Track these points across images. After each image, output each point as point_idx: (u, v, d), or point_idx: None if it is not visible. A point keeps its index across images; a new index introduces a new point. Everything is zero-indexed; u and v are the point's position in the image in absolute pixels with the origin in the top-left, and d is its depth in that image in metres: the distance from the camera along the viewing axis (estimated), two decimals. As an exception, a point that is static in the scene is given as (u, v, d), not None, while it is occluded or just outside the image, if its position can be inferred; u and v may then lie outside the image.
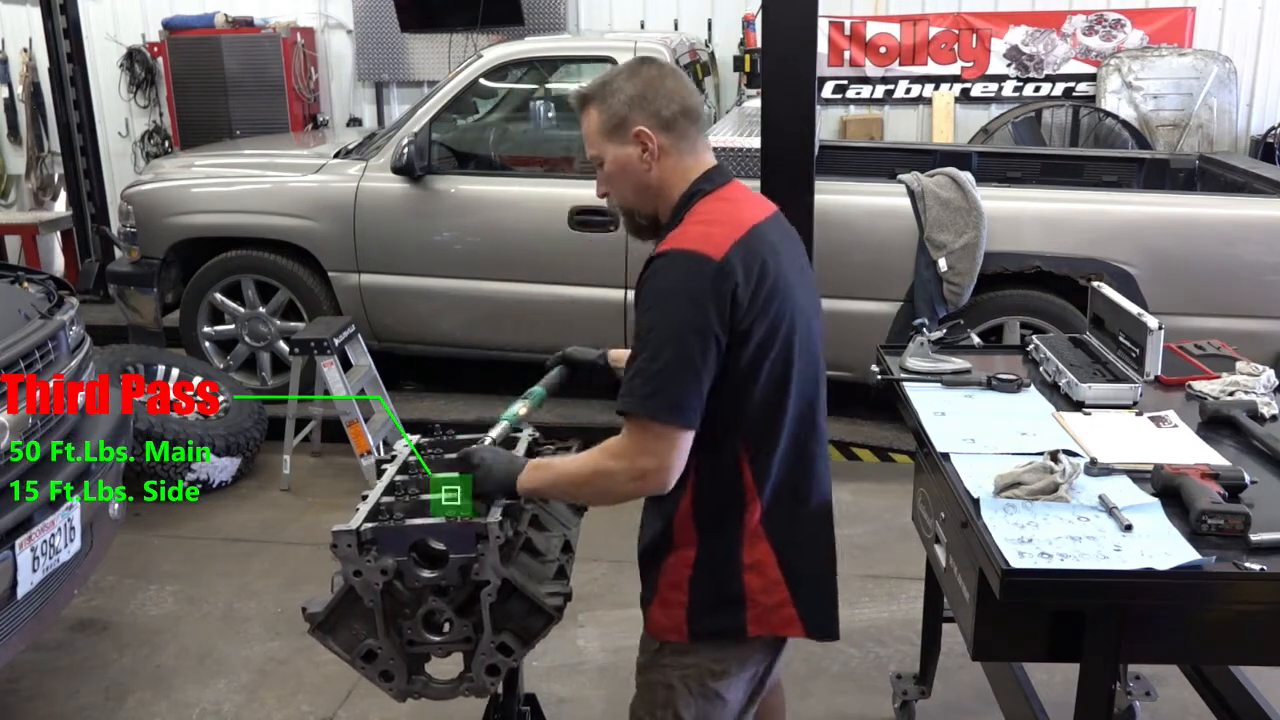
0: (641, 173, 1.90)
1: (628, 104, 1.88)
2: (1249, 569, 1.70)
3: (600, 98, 1.90)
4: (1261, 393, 2.41)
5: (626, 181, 1.92)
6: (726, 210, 1.88)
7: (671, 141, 1.89)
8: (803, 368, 1.90)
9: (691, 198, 1.90)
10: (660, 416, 1.75)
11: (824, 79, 7.28)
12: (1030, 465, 1.97)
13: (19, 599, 2.62)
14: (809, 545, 1.96)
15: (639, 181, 1.91)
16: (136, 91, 8.21)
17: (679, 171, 1.91)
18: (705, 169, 1.94)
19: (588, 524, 2.34)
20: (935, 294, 4.60)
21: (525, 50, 5.40)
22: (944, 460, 2.13)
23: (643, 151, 1.88)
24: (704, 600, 1.91)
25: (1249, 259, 4.50)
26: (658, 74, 1.91)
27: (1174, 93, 6.93)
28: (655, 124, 1.87)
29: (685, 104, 1.90)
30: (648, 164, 1.89)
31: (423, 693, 1.97)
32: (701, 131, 1.95)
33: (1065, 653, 1.86)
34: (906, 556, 3.65)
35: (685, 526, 1.91)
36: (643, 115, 1.87)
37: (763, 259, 1.82)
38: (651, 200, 1.93)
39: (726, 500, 1.89)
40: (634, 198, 1.94)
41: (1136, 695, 2.95)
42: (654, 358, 1.75)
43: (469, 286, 5.17)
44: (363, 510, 1.92)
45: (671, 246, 1.81)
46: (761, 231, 1.87)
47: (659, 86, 1.89)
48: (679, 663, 1.95)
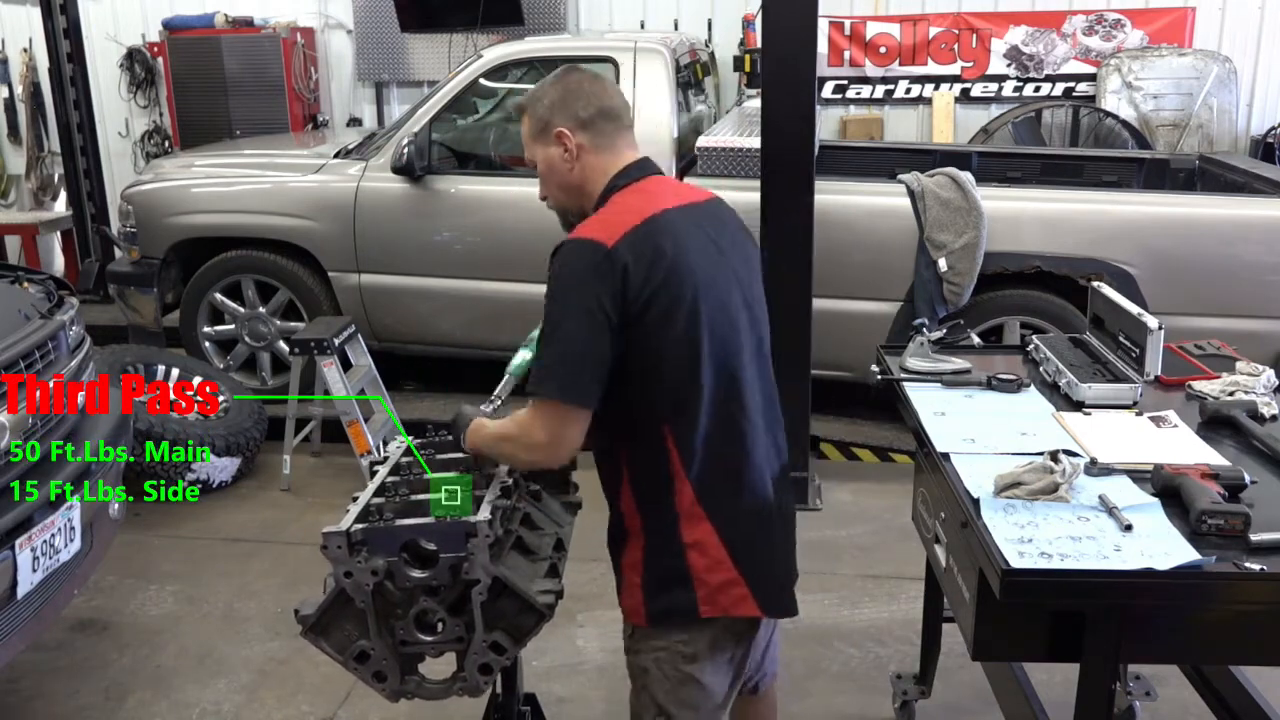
0: (565, 171, 2.02)
1: (549, 108, 2.02)
2: (1249, 569, 1.70)
3: (530, 105, 2.05)
4: (1261, 393, 2.41)
5: (554, 181, 2.05)
6: (632, 201, 1.97)
7: (589, 140, 2.01)
8: (716, 346, 1.94)
9: (609, 193, 2.01)
10: (551, 394, 1.87)
11: (824, 79, 7.28)
12: (1030, 465, 1.97)
13: (19, 599, 2.62)
14: (752, 522, 1.99)
15: (563, 180, 2.04)
16: (136, 91, 8.21)
17: (599, 169, 2.02)
18: (623, 165, 2.03)
19: (586, 524, 2.34)
20: (935, 294, 4.60)
21: (525, 50, 5.40)
22: (944, 460, 2.13)
23: (564, 151, 2.01)
24: (654, 581, 1.97)
25: (1249, 259, 4.50)
26: (578, 79, 2.05)
27: (1174, 93, 6.92)
28: (574, 125, 2.00)
29: (602, 105, 2.02)
30: (569, 163, 2.01)
31: (416, 693, 1.97)
32: (622, 130, 2.05)
33: (1065, 653, 1.86)
34: (906, 556, 3.65)
35: (630, 511, 2.00)
36: (562, 117, 2.00)
37: (657, 243, 1.89)
38: (577, 198, 2.05)
39: (658, 482, 1.95)
40: (562, 196, 2.07)
41: (1136, 695, 2.95)
42: (550, 340, 1.88)
43: (469, 286, 5.17)
44: (353, 511, 1.92)
45: (571, 236, 1.93)
46: (664, 218, 1.94)
47: (578, 90, 2.02)
48: (650, 646, 2.01)
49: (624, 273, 1.84)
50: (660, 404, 1.92)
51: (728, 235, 2.07)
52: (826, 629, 3.52)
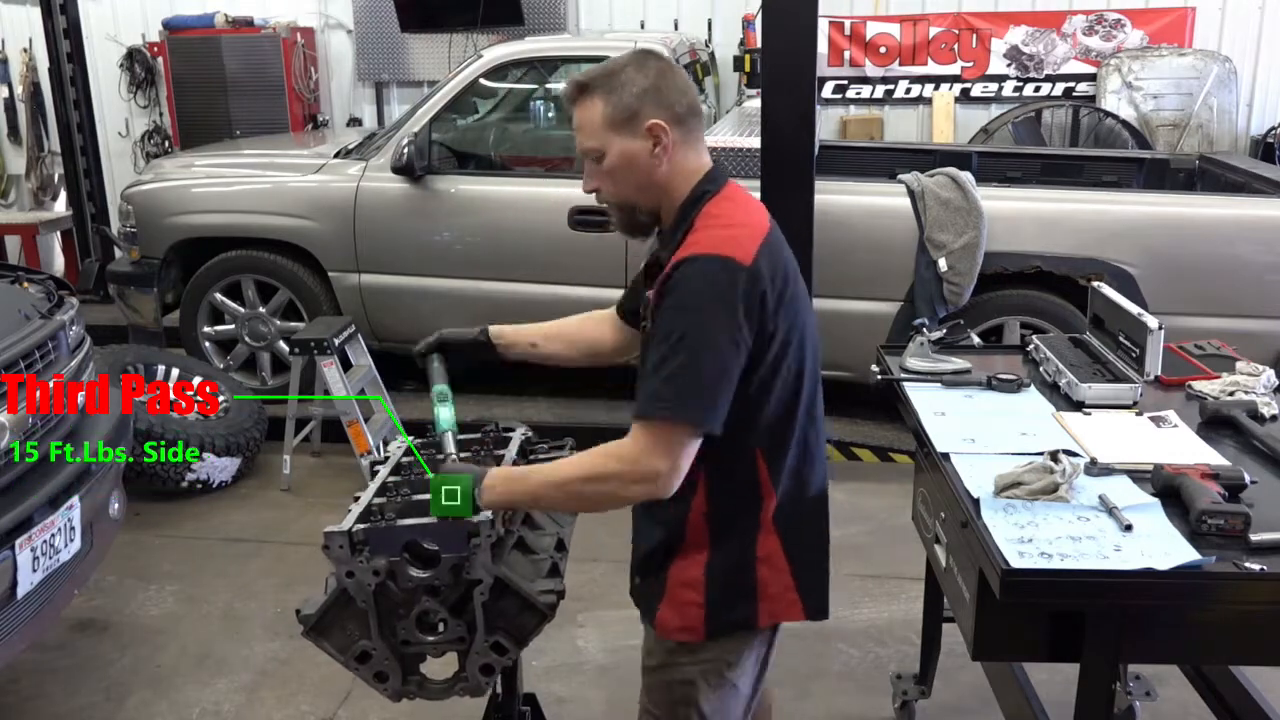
0: (649, 169, 1.84)
1: (640, 96, 1.81)
2: (1249, 569, 1.70)
3: (607, 88, 1.82)
4: (1261, 393, 2.41)
5: (631, 176, 1.85)
6: (739, 213, 1.86)
7: (682, 137, 1.84)
8: (812, 365, 1.94)
9: (700, 198, 1.85)
10: (693, 419, 1.73)
11: (824, 79, 7.28)
12: (1030, 465, 1.97)
13: (19, 599, 2.62)
14: (810, 534, 1.97)
15: (645, 178, 1.85)
16: (136, 91, 8.21)
17: (686, 169, 1.87)
18: (707, 169, 1.90)
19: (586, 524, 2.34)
20: (935, 294, 4.60)
21: (525, 50, 5.40)
22: (944, 460, 2.13)
23: (654, 146, 1.82)
24: (720, 597, 1.91)
25: (1249, 259, 4.50)
26: (666, 67, 1.86)
27: (1174, 93, 6.92)
28: (669, 118, 1.82)
29: (693, 100, 1.87)
30: (659, 159, 1.83)
31: (417, 693, 1.97)
32: (703, 129, 1.93)
33: (1065, 653, 1.86)
34: (906, 556, 3.65)
35: (698, 527, 1.91)
36: (656, 108, 1.81)
37: (785, 261, 1.83)
38: (656, 197, 1.88)
39: (744, 499, 1.89)
40: (636, 194, 1.88)
41: (1136, 695, 2.95)
42: (689, 363, 1.72)
43: (469, 286, 5.17)
44: (355, 511, 1.92)
45: (700, 251, 1.76)
46: (776, 234, 1.87)
47: (670, 80, 1.84)
48: (696, 659, 1.95)
49: (763, 293, 1.76)
50: (763, 422, 1.85)
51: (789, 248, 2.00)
52: (826, 629, 3.51)
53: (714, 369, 1.73)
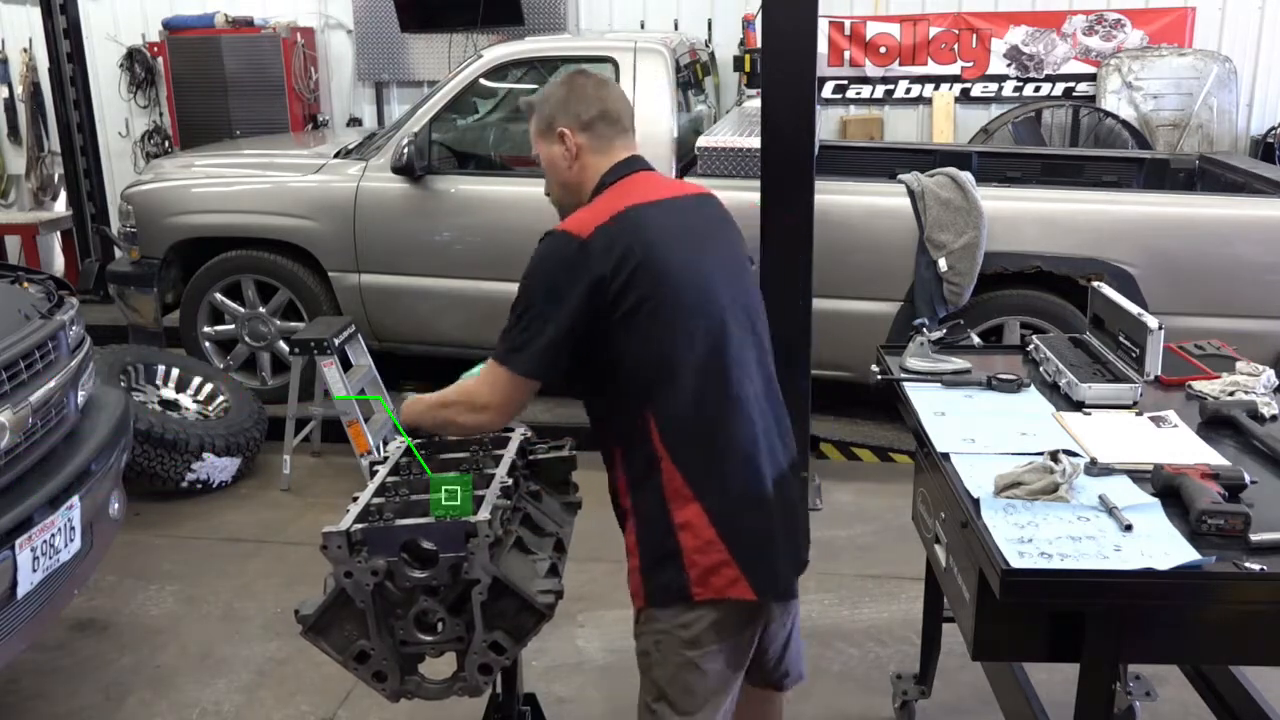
0: (564, 169, 2.13)
1: (555, 107, 2.12)
2: (1249, 569, 1.70)
3: (537, 103, 2.16)
4: (1261, 393, 2.40)
5: (555, 177, 2.16)
6: (612, 197, 2.07)
7: (588, 140, 2.11)
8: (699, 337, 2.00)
9: (598, 190, 2.11)
10: (510, 363, 1.99)
11: (824, 79, 7.27)
12: (1030, 465, 1.97)
13: (19, 599, 2.62)
14: (745, 505, 2.02)
15: (562, 177, 2.15)
16: (136, 91, 8.21)
17: (594, 168, 2.12)
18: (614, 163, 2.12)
19: (587, 524, 2.34)
20: (935, 294, 4.60)
21: (525, 50, 5.40)
22: (944, 460, 2.13)
23: (564, 149, 2.11)
24: (648, 561, 2.02)
25: (1249, 259, 4.50)
26: (584, 82, 2.15)
27: (1174, 93, 6.92)
28: (575, 125, 2.10)
29: (605, 108, 2.12)
30: (568, 161, 2.12)
31: (416, 693, 1.97)
32: (621, 134, 2.15)
33: (1065, 653, 1.86)
34: (906, 556, 3.65)
35: (624, 491, 2.07)
36: (565, 117, 2.10)
37: (630, 237, 1.98)
38: (574, 195, 2.14)
39: (645, 466, 2.01)
40: (561, 193, 2.18)
41: (1136, 695, 2.95)
42: (517, 315, 2.01)
43: (469, 286, 5.16)
44: (353, 511, 1.93)
45: (557, 227, 2.04)
46: (639, 211, 2.03)
47: (582, 92, 2.12)
48: (652, 629, 2.04)
49: (596, 264, 1.95)
50: (639, 391, 1.99)
51: (712, 228, 2.18)
52: (826, 629, 3.52)
53: (532, 320, 1.98)
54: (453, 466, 2.14)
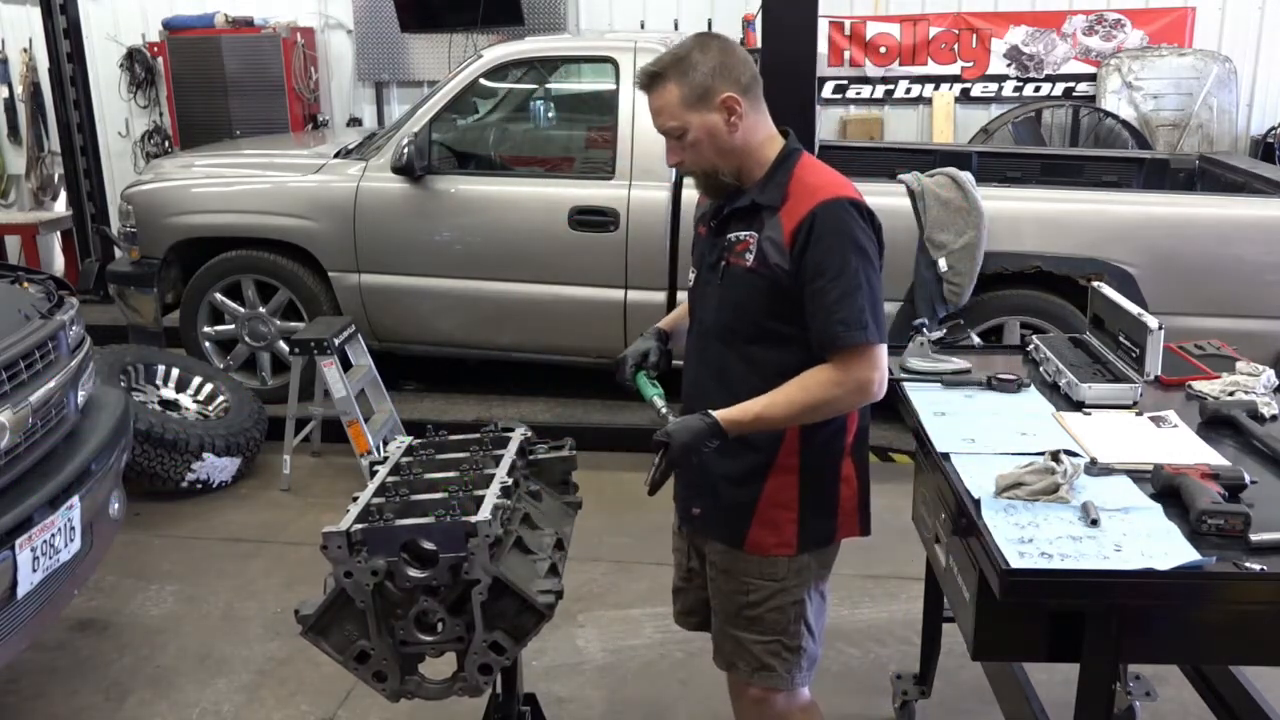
0: (727, 136, 2.07)
1: (710, 74, 2.04)
2: (1249, 569, 1.70)
3: (679, 71, 2.05)
4: (1261, 393, 2.41)
5: (712, 146, 2.08)
6: (828, 169, 2.14)
7: (750, 105, 2.09)
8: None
9: (790, 155, 2.12)
10: (874, 338, 2.02)
11: (824, 79, 7.28)
12: (1031, 466, 1.97)
13: (19, 599, 2.62)
14: (866, 458, 2.26)
15: (724, 145, 2.08)
16: (136, 91, 8.22)
17: (758, 131, 2.11)
18: (781, 133, 2.17)
19: (587, 525, 2.34)
20: (935, 294, 4.60)
21: (525, 50, 5.40)
22: (944, 460, 2.13)
23: (730, 116, 2.06)
24: (811, 515, 2.16)
25: (1249, 259, 4.50)
26: (727, 45, 2.10)
27: (1174, 93, 6.93)
28: (738, 90, 2.06)
29: (754, 70, 2.11)
30: (734, 127, 2.07)
31: (416, 693, 1.97)
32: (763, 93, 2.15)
33: (1065, 653, 1.86)
34: (906, 556, 3.64)
35: (790, 451, 2.13)
36: (725, 83, 2.05)
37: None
38: (736, 160, 2.11)
39: (837, 424, 2.14)
40: (718, 160, 2.10)
41: (1136, 695, 2.95)
42: (854, 290, 2.01)
43: (469, 286, 5.16)
44: (353, 511, 1.93)
45: (832, 195, 2.04)
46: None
47: (733, 56, 2.08)
48: (802, 578, 2.19)
49: (879, 232, 2.11)
50: None
51: None
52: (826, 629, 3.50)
53: (873, 293, 2.05)
54: (453, 467, 2.14)
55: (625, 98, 4.89)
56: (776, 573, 2.17)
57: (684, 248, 4.85)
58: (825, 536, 2.20)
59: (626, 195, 4.85)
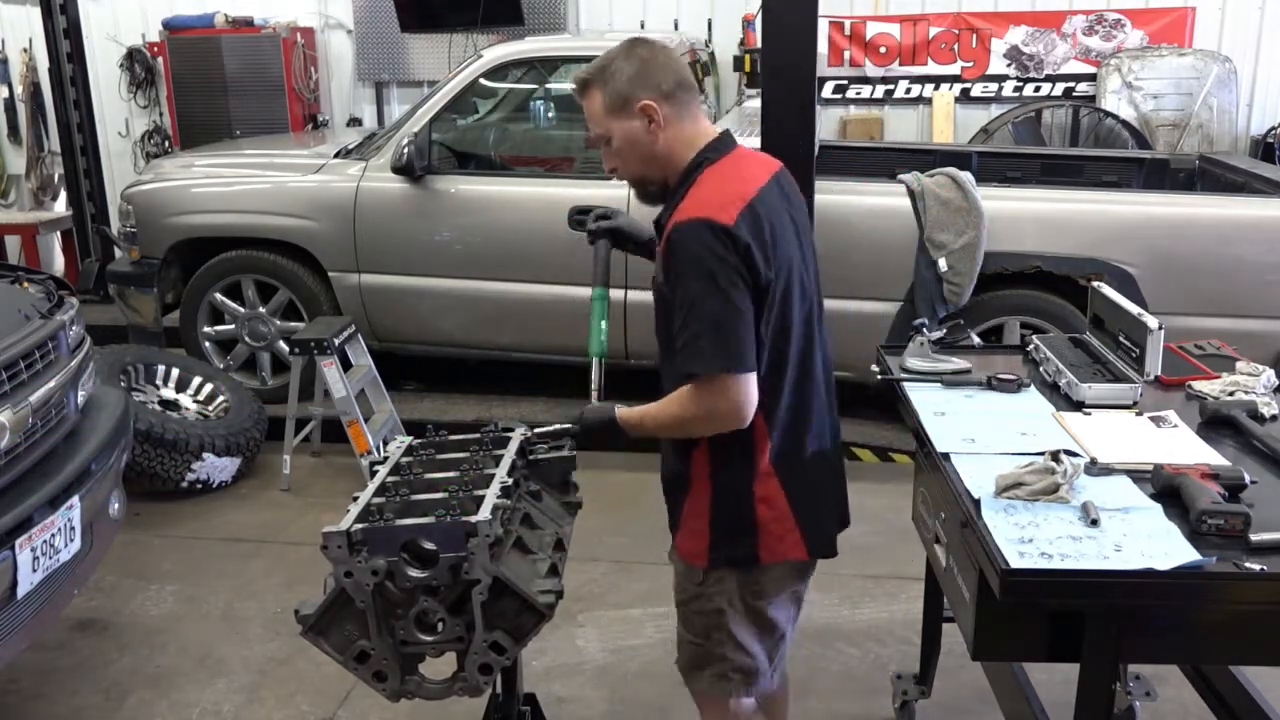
0: (649, 144, 2.06)
1: (629, 82, 2.03)
2: (1249, 569, 1.70)
3: (602, 79, 2.05)
4: (1261, 393, 2.40)
5: (635, 154, 2.08)
6: (731, 178, 2.04)
7: (673, 111, 2.06)
8: (799, 325, 2.08)
9: (699, 165, 2.06)
10: (729, 367, 1.95)
11: (824, 79, 7.28)
12: (1031, 466, 1.97)
13: (19, 599, 2.62)
14: (811, 480, 2.16)
15: (646, 152, 2.07)
16: (136, 91, 8.22)
17: (682, 139, 2.08)
18: (709, 138, 2.10)
19: (587, 525, 2.34)
20: (935, 294, 4.60)
21: (525, 50, 5.40)
22: (944, 460, 2.13)
23: (649, 123, 2.04)
24: (720, 530, 2.13)
25: (1249, 259, 4.50)
26: (651, 52, 2.08)
27: (1174, 93, 6.92)
28: (658, 96, 2.03)
29: (680, 76, 2.08)
30: (654, 134, 2.05)
31: (416, 693, 1.97)
32: (696, 99, 2.11)
33: (1065, 653, 1.86)
34: (906, 556, 3.65)
35: (701, 464, 2.12)
36: (644, 90, 2.03)
37: (768, 225, 1.99)
38: (660, 168, 2.10)
39: (741, 446, 2.07)
40: (643, 167, 2.10)
41: (1136, 695, 2.95)
42: (702, 317, 1.93)
43: (469, 286, 5.17)
44: (353, 511, 1.93)
45: (686, 216, 1.97)
46: (764, 197, 2.04)
47: (655, 62, 2.06)
48: (721, 588, 2.15)
49: (747, 252, 1.94)
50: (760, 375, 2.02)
51: (799, 210, 2.20)
52: (826, 629, 3.52)
53: (718, 317, 1.94)
54: (453, 467, 2.14)
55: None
56: (695, 578, 2.19)
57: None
58: (745, 556, 2.13)
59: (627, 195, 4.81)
